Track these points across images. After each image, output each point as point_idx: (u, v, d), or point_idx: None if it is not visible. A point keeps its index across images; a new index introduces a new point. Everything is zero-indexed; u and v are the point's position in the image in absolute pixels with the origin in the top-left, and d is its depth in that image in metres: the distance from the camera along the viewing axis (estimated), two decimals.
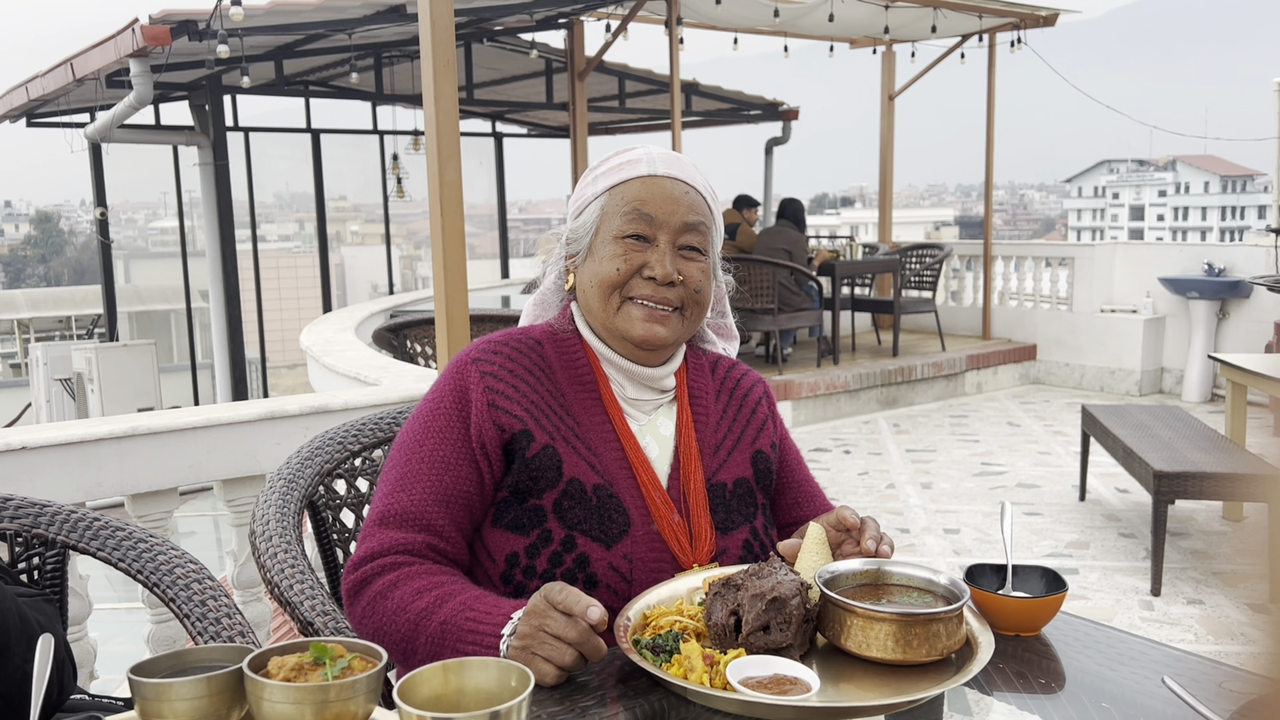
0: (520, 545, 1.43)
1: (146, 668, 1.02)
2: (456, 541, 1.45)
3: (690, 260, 1.51)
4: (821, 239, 11.49)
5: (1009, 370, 9.39)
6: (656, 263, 1.48)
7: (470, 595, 1.32)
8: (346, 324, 6.79)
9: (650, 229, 1.49)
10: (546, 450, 1.44)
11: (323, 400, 3.07)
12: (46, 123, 11.19)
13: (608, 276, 1.49)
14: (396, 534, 1.41)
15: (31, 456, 2.50)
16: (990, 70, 9.71)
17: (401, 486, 1.45)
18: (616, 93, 11.64)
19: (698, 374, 1.63)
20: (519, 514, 1.45)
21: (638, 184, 1.51)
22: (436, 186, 3.49)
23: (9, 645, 1.10)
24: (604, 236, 1.52)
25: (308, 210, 14.30)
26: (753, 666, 1.14)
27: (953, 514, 5.49)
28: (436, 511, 1.43)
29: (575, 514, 1.42)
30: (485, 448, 1.45)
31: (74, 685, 1.35)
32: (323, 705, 0.94)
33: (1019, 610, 1.29)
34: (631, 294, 1.49)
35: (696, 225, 1.51)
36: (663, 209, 1.49)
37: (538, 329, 1.59)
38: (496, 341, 1.55)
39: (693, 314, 1.53)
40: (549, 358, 1.54)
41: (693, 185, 1.53)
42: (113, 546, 1.70)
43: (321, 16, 7.45)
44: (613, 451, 1.48)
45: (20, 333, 27.77)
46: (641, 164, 1.53)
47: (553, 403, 1.50)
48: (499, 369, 1.50)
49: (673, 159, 1.55)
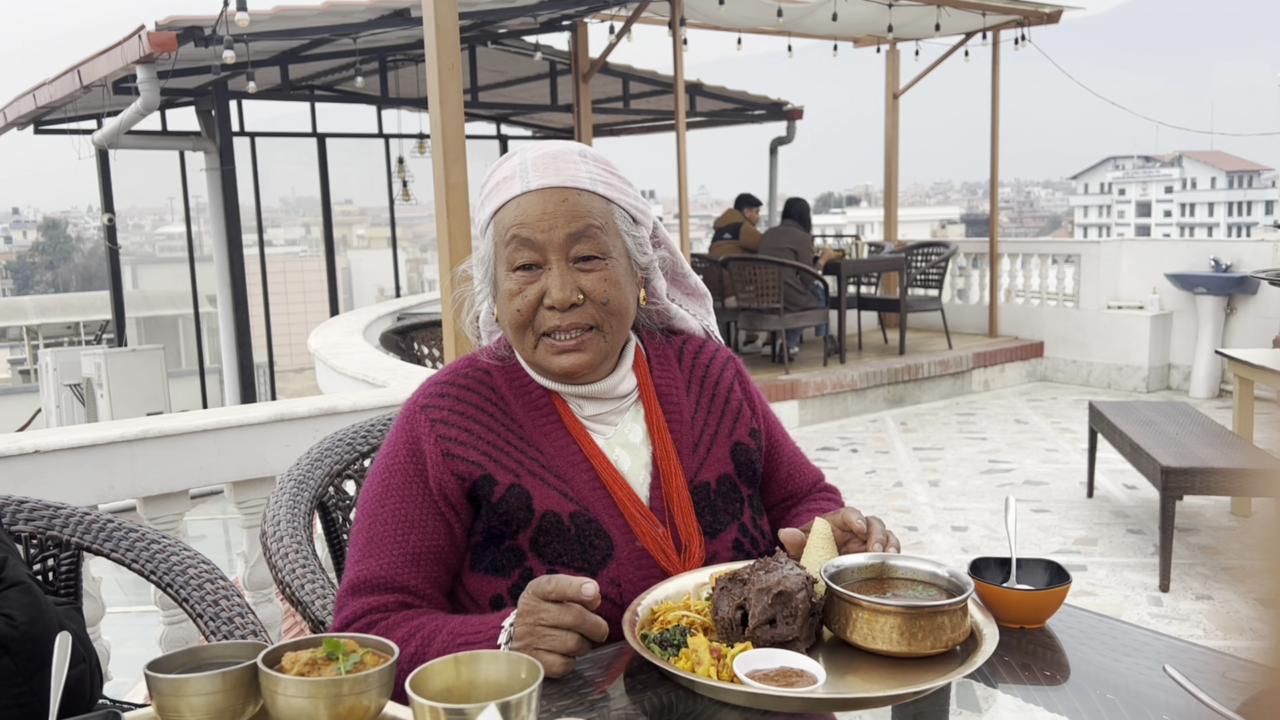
0: (503, 587, 1.39)
1: (162, 664, 1.03)
2: (433, 597, 1.41)
3: (589, 271, 1.40)
4: (827, 238, 11.50)
5: (1016, 368, 9.38)
6: (554, 288, 1.38)
7: (455, 623, 1.31)
8: (354, 327, 6.81)
9: (537, 253, 1.39)
10: (513, 490, 1.39)
11: (331, 402, 3.09)
12: (54, 130, 11.24)
13: (513, 318, 1.41)
14: (368, 599, 1.38)
15: (44, 460, 2.52)
16: (994, 68, 9.71)
17: (369, 552, 1.40)
18: (621, 94, 11.66)
19: (664, 368, 1.56)
20: (496, 556, 1.41)
21: (513, 206, 1.41)
22: (442, 189, 3.50)
23: (48, 656, 1.12)
24: (501, 270, 1.43)
25: (314, 214, 14.34)
26: (759, 660, 1.15)
27: (960, 512, 5.49)
28: (408, 572, 1.39)
29: (554, 548, 1.38)
30: (448, 499, 1.40)
31: (101, 690, 1.37)
32: (336, 699, 0.96)
33: (1023, 602, 1.30)
34: (542, 329, 1.41)
35: (584, 232, 1.40)
36: (542, 228, 1.39)
37: (484, 356, 1.52)
38: (443, 382, 1.49)
39: (611, 325, 1.43)
40: (499, 388, 1.48)
41: (573, 186, 1.41)
42: (125, 548, 1.72)
43: (326, 21, 7.48)
44: (582, 475, 1.42)
45: (29, 339, 27.90)
46: (515, 180, 1.43)
47: (510, 437, 1.43)
48: (448, 414, 1.44)
49: (548, 162, 1.43)
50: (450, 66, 3.42)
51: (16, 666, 1.08)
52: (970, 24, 9.46)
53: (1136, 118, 23.57)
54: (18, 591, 1.08)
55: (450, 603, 1.46)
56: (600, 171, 1.45)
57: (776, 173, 13.47)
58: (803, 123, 13.01)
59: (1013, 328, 9.90)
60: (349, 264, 24.45)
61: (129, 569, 1.69)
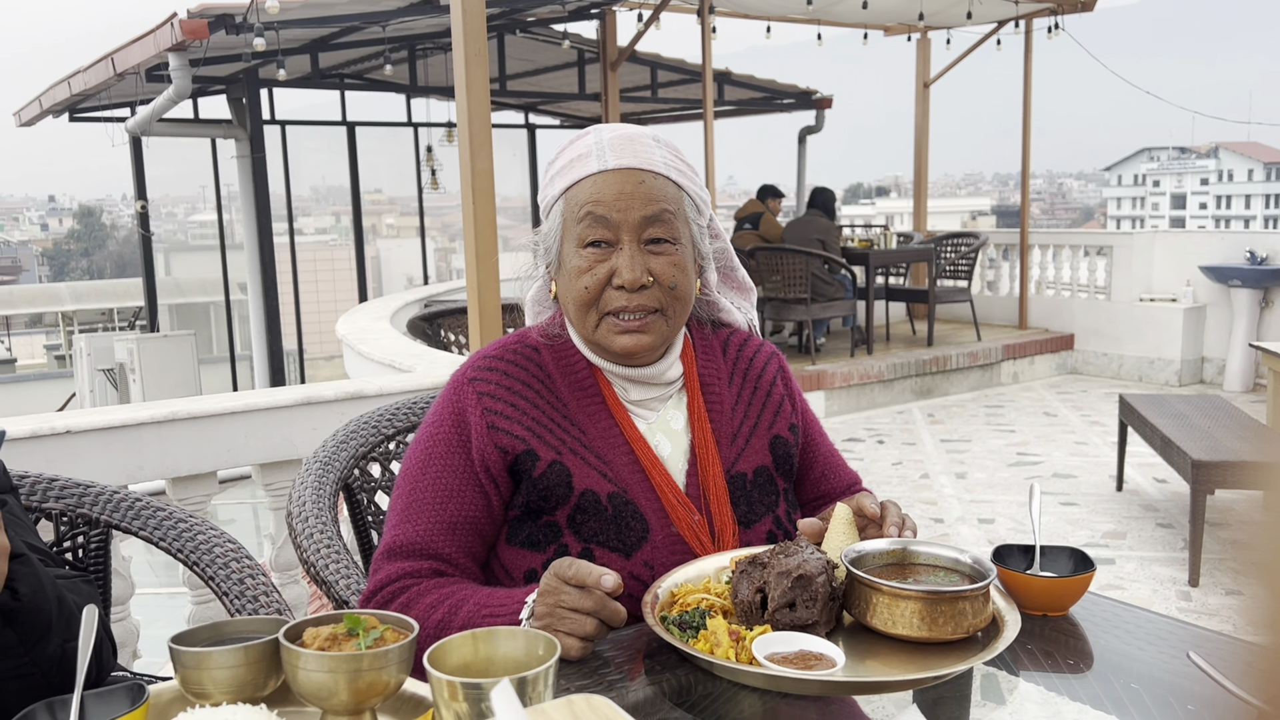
0: (538, 562, 1.41)
1: (187, 638, 1.05)
2: (466, 567, 1.43)
3: (659, 254, 1.42)
4: (855, 228, 11.43)
5: (1045, 360, 9.29)
6: (624, 268, 1.39)
7: (482, 594, 1.32)
8: (382, 313, 6.86)
9: (610, 231, 1.40)
10: (554, 466, 1.41)
11: (358, 386, 3.12)
12: (88, 117, 11.37)
13: (579, 295, 1.42)
14: (403, 564, 1.40)
15: (76, 440, 2.56)
16: (1027, 57, 9.60)
17: (407, 518, 1.42)
18: (649, 83, 11.63)
19: (708, 358, 1.57)
20: (533, 531, 1.43)
21: (589, 184, 1.42)
22: (469, 175, 3.51)
23: (49, 627, 1.14)
24: (569, 246, 1.44)
25: (343, 203, 14.43)
26: (778, 642, 1.15)
27: (987, 504, 5.45)
28: (443, 540, 1.41)
29: (591, 526, 1.40)
30: (490, 471, 1.42)
31: (113, 663, 1.39)
32: (356, 674, 0.97)
33: (1046, 590, 1.29)
34: (607, 309, 1.42)
35: (658, 215, 1.41)
36: (618, 207, 1.40)
37: (534, 334, 1.54)
38: (492, 356, 1.50)
39: (674, 311, 1.45)
40: (547, 365, 1.49)
41: (649, 169, 1.43)
42: (154, 526, 1.74)
43: (356, 9, 7.51)
44: (623, 457, 1.44)
45: (64, 325, 28.31)
46: (591, 159, 1.43)
47: (555, 415, 1.45)
48: (496, 387, 1.45)
49: (625, 144, 1.44)
50: (477, 53, 3.43)
51: (19, 638, 1.10)
52: (1003, 12, 9.35)
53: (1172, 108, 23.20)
54: (19, 564, 1.10)
55: (484, 575, 1.48)
56: (673, 158, 1.47)
57: (805, 162, 13.39)
58: (832, 112, 12.93)
59: (1043, 320, 9.81)
60: (378, 253, 24.57)
61: (157, 547, 1.72)
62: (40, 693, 1.05)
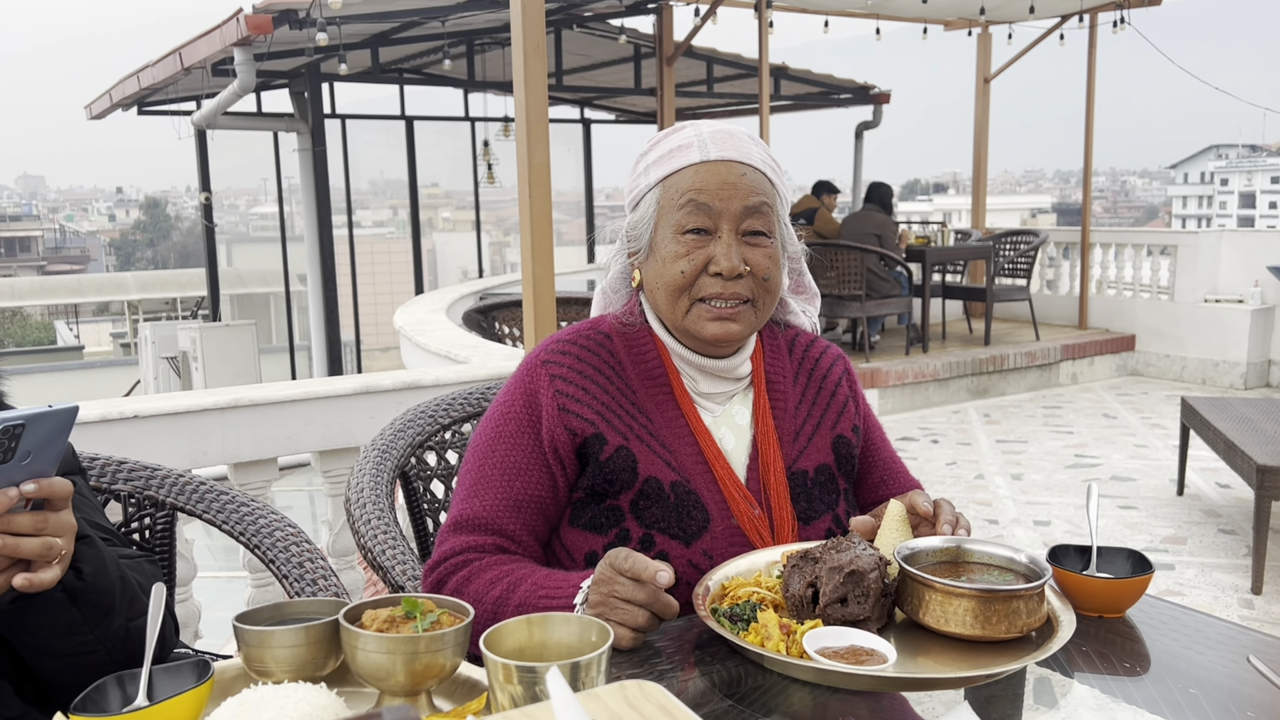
0: (599, 544, 1.43)
1: (250, 617, 1.08)
2: (528, 545, 1.46)
3: (755, 246, 1.44)
4: (912, 224, 11.30)
5: (1106, 361, 9.12)
6: (722, 256, 1.41)
7: (540, 575, 1.35)
8: (438, 305, 6.94)
9: (710, 220, 1.43)
10: (620, 451, 1.43)
11: (415, 376, 3.16)
12: (156, 111, 11.64)
13: (674, 280, 1.44)
14: (468, 538, 1.43)
15: (143, 425, 2.64)
16: (1091, 52, 9.41)
17: (474, 492, 1.46)
18: (704, 77, 11.60)
19: (775, 356, 1.59)
20: (596, 514, 1.45)
21: (691, 172, 1.44)
22: (525, 169, 3.55)
23: (113, 606, 1.18)
24: (664, 233, 1.46)
25: (401, 197, 14.62)
26: (829, 637, 1.15)
27: (1043, 506, 5.37)
28: (508, 517, 1.44)
29: (653, 513, 1.42)
30: (558, 452, 1.45)
31: (175, 640, 1.43)
32: (413, 656, 0.99)
33: (1102, 591, 1.27)
34: (700, 295, 1.44)
35: (758, 207, 1.44)
36: (720, 196, 1.42)
37: (607, 321, 1.56)
38: (565, 340, 1.53)
39: (764, 303, 1.47)
40: (618, 353, 1.52)
41: (749, 163, 1.45)
42: (217, 509, 1.79)
43: (416, 3, 7.60)
44: (687, 447, 1.46)
45: (130, 313, 29.03)
46: (693, 149, 1.46)
47: (624, 401, 1.47)
48: (568, 370, 1.48)
49: (726, 137, 1.47)
50: (535, 47, 3.46)
51: (83, 616, 1.14)
52: (1066, 6, 9.18)
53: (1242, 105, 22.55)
54: (83, 545, 1.13)
55: (545, 555, 1.50)
56: (768, 157, 1.50)
57: (861, 158, 13.27)
58: (889, 107, 12.80)
59: (1103, 320, 9.62)
60: (434, 245, 24.83)
61: (219, 529, 1.76)
62: (105, 669, 1.08)
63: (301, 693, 0.96)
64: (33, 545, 1.03)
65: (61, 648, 1.15)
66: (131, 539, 1.78)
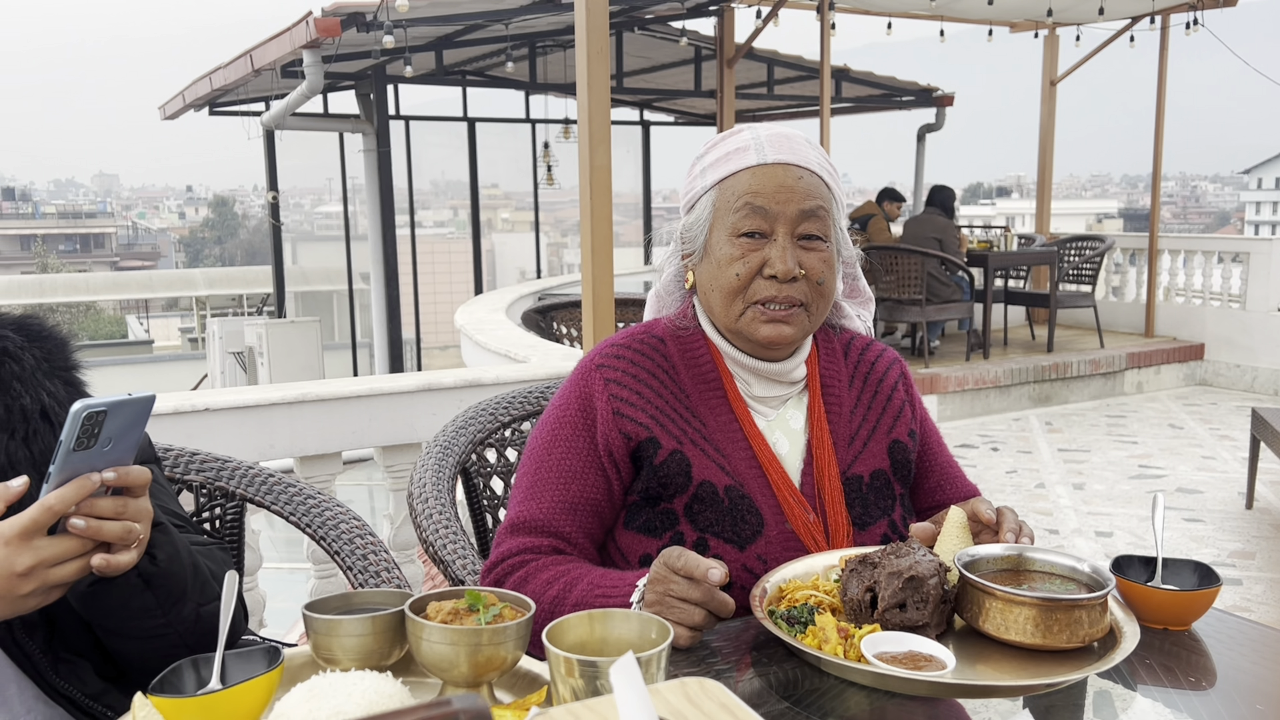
0: (653, 547, 1.44)
1: (318, 606, 1.11)
2: (584, 547, 1.47)
3: (811, 250, 1.44)
4: (975, 228, 11.15)
5: (1173, 370, 8.91)
6: (777, 259, 1.41)
7: (596, 574, 1.36)
8: (498, 305, 7.02)
9: (766, 223, 1.43)
10: (675, 455, 1.43)
11: (476, 374, 3.21)
12: (227, 111, 11.92)
13: (729, 283, 1.44)
14: (525, 539, 1.45)
15: (213, 417, 2.71)
16: (1162, 54, 9.21)
17: (531, 495, 1.47)
18: (765, 79, 11.57)
19: (830, 359, 1.58)
20: (650, 517, 1.46)
21: (748, 175, 1.45)
22: (587, 170, 3.58)
23: (185, 592, 1.21)
24: (719, 235, 1.46)
25: (461, 197, 14.78)
26: (887, 642, 1.15)
27: (1105, 516, 5.27)
28: (564, 519, 1.45)
29: (707, 516, 1.42)
30: (613, 455, 1.46)
31: (244, 627, 1.47)
32: (476, 648, 1.01)
33: (1168, 603, 1.25)
34: (755, 298, 1.44)
35: (814, 211, 1.44)
36: (777, 200, 1.42)
37: (661, 325, 1.57)
38: (619, 344, 1.54)
39: (818, 306, 1.47)
40: (672, 357, 1.52)
41: (806, 167, 1.45)
42: (284, 501, 1.83)
43: (481, 6, 7.69)
44: (741, 452, 1.46)
45: (198, 309, 29.74)
46: (750, 152, 1.46)
47: (678, 405, 1.48)
48: (623, 374, 1.49)
49: (782, 140, 1.47)
50: (599, 50, 3.48)
51: (157, 600, 1.18)
52: (1137, 7, 8.99)
53: None
54: (157, 531, 1.17)
55: (600, 556, 1.52)
56: (824, 161, 1.50)
57: (923, 161, 13.12)
58: (952, 110, 12.64)
59: (1171, 328, 9.41)
60: (492, 246, 25.03)
61: (287, 521, 1.80)
62: (177, 653, 1.12)
63: (368, 681, 0.98)
64: (113, 529, 1.07)
65: (136, 630, 1.19)
66: (202, 528, 1.83)
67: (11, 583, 1.03)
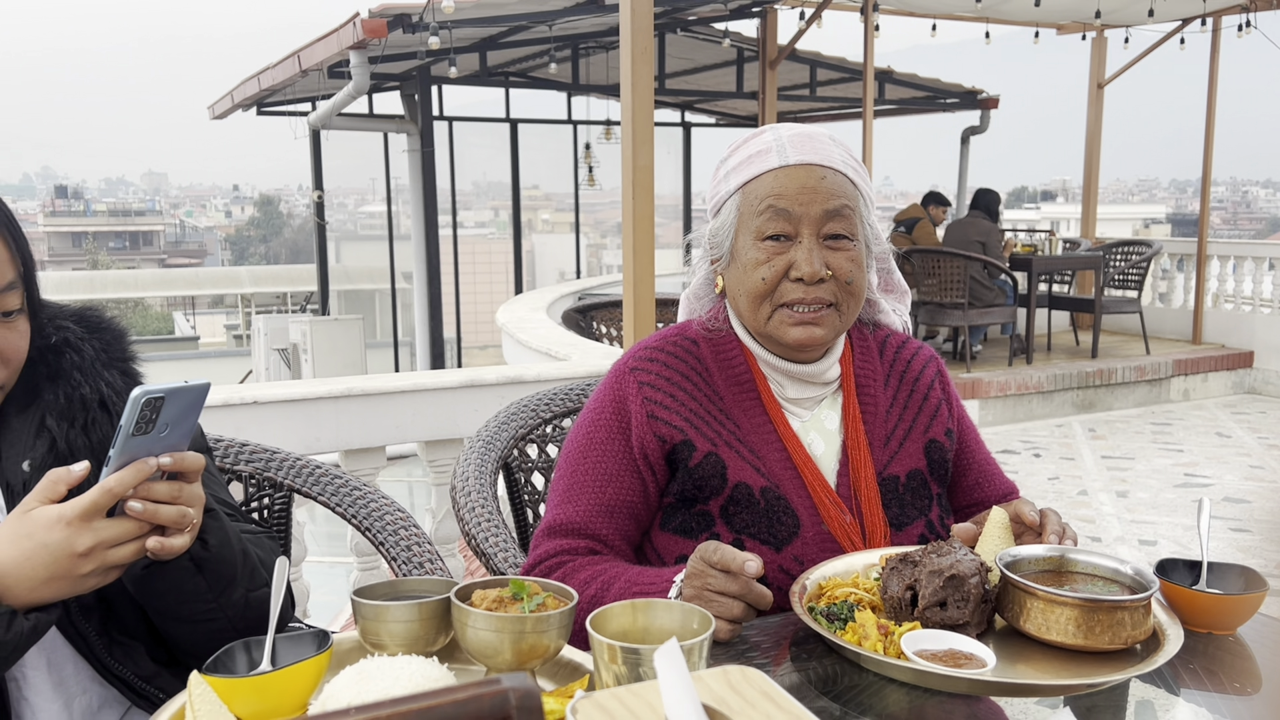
0: (689, 548, 1.43)
1: (366, 592, 1.13)
2: (621, 549, 1.48)
3: (837, 250, 1.43)
4: (1018, 232, 11.04)
5: (1220, 378, 8.76)
6: (803, 261, 1.41)
7: (634, 572, 1.37)
8: (538, 304, 7.07)
9: (791, 225, 1.42)
10: (709, 458, 1.44)
11: (517, 371, 3.24)
12: (274, 111, 12.08)
13: (755, 287, 1.44)
14: (562, 542, 1.46)
15: (262, 410, 2.76)
16: (1213, 56, 9.06)
17: (567, 499, 1.49)
18: (807, 81, 11.52)
19: (865, 358, 1.57)
20: (687, 518, 1.47)
21: (770, 178, 1.44)
22: (630, 171, 3.60)
23: (235, 577, 1.24)
24: (744, 239, 1.46)
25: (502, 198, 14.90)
26: (927, 640, 1.15)
27: (1149, 525, 5.20)
28: (600, 522, 1.46)
29: (743, 518, 1.43)
30: (648, 459, 1.46)
31: (292, 614, 1.50)
32: (520, 636, 1.03)
33: (1212, 607, 1.24)
34: (782, 300, 1.43)
35: (839, 210, 1.43)
36: (800, 201, 1.42)
37: (694, 327, 1.57)
38: (653, 347, 1.54)
39: (847, 306, 1.46)
40: (705, 359, 1.52)
41: (829, 165, 1.44)
42: (331, 492, 1.86)
43: (525, 8, 7.74)
44: (776, 453, 1.46)
45: (243, 306, 30.18)
46: (771, 154, 1.45)
47: (711, 408, 1.48)
48: (656, 378, 1.49)
49: (805, 140, 1.46)
50: (644, 50, 3.50)
51: (208, 584, 1.21)
52: (1189, 9, 8.85)
53: None
54: (209, 518, 1.20)
55: (637, 557, 1.53)
56: (849, 157, 1.49)
57: (967, 163, 13.00)
58: (996, 113, 12.51)
59: (1219, 335, 9.24)
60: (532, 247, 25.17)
61: (333, 511, 1.83)
62: (226, 636, 1.15)
63: (415, 665, 1.01)
64: (169, 513, 1.11)
65: (187, 613, 1.22)
66: (250, 518, 1.87)
67: (72, 563, 1.06)
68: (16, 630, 1.05)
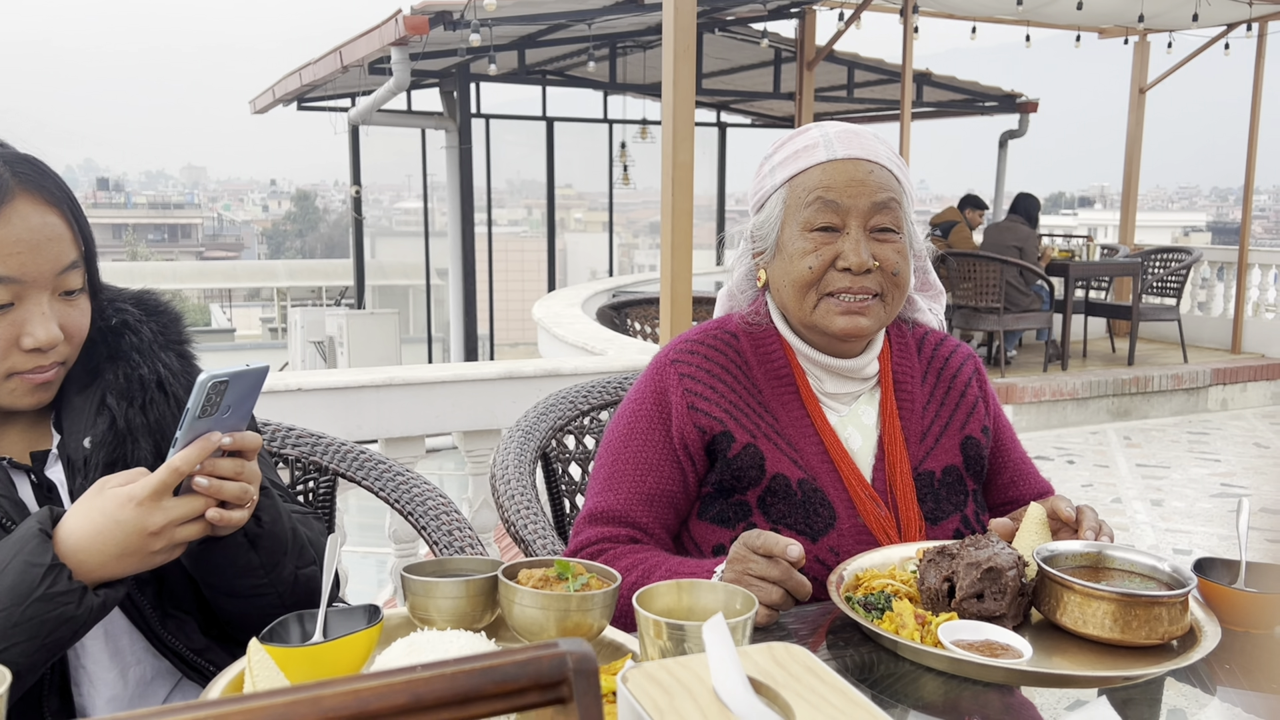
0: (726, 538, 1.47)
1: (416, 569, 1.17)
2: (660, 537, 1.51)
3: (884, 242, 1.45)
4: (1055, 238, 10.95)
5: (1260, 388, 8.64)
6: (850, 252, 1.43)
7: (674, 561, 1.40)
8: (574, 300, 7.11)
9: (839, 217, 1.44)
10: (748, 449, 1.46)
11: (555, 364, 3.29)
12: (314, 106, 12.22)
13: (801, 276, 1.46)
14: (603, 529, 1.49)
15: (306, 397, 2.82)
16: (1259, 62, 8.95)
17: (608, 487, 1.51)
18: (845, 83, 11.49)
19: (903, 355, 1.59)
20: (724, 508, 1.49)
21: (818, 171, 1.46)
22: (669, 168, 3.62)
23: (285, 553, 1.28)
24: (791, 231, 1.48)
25: (536, 196, 14.98)
26: (964, 630, 1.16)
27: (1184, 534, 5.15)
28: (640, 510, 1.49)
29: (780, 509, 1.45)
30: (688, 449, 1.49)
31: (337, 594, 1.54)
32: (564, 614, 1.06)
33: (1251, 605, 1.24)
34: (828, 290, 1.45)
35: (886, 204, 1.45)
36: (848, 193, 1.44)
37: (734, 321, 1.59)
38: (693, 340, 1.57)
39: (893, 297, 1.48)
40: (745, 353, 1.54)
41: (876, 161, 1.47)
42: (375, 477, 1.90)
43: (565, 6, 7.78)
44: (813, 446, 1.47)
45: (279, 299, 30.50)
46: (819, 148, 1.48)
47: (750, 400, 1.50)
48: (696, 369, 1.52)
49: (851, 136, 1.49)
50: (685, 49, 3.53)
51: (260, 560, 1.25)
52: (1234, 14, 8.75)
53: None
54: (262, 495, 1.24)
55: (675, 546, 1.55)
56: (893, 155, 1.52)
57: (1005, 167, 12.91)
58: (1035, 117, 12.41)
59: (1259, 344, 9.12)
60: (565, 245, 25.25)
61: (376, 495, 1.87)
62: (276, 611, 1.18)
63: (464, 639, 1.04)
64: (232, 489, 1.15)
65: (240, 588, 1.26)
66: (297, 499, 1.91)
67: (144, 540, 1.11)
68: (87, 605, 1.09)
